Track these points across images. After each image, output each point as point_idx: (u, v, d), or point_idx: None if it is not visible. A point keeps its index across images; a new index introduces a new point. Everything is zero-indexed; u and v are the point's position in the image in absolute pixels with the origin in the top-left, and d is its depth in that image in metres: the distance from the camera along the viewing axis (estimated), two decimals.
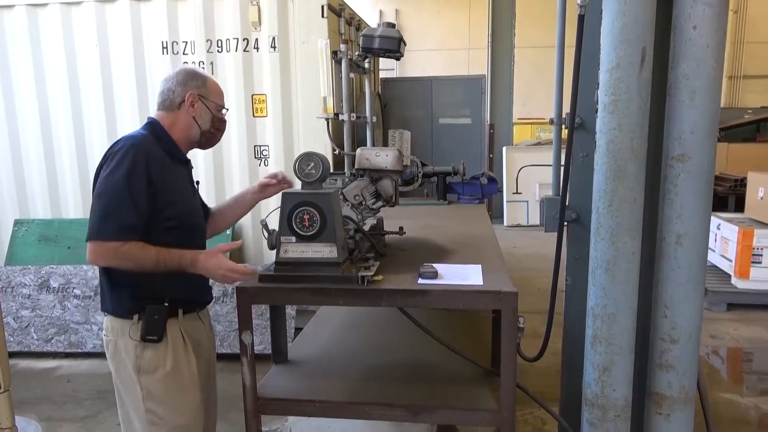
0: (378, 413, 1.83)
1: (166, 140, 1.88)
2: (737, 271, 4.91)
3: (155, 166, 1.77)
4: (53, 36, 4.32)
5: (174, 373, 1.83)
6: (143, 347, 1.79)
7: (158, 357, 1.81)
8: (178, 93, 1.89)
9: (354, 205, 2.02)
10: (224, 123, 2.01)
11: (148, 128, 1.88)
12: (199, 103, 1.90)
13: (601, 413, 1.73)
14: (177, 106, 1.89)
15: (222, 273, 1.72)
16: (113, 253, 1.69)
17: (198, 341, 1.93)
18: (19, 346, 4.16)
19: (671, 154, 1.63)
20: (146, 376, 1.80)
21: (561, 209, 1.86)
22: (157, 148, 1.82)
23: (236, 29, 4.12)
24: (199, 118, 1.91)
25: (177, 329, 1.86)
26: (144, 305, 1.78)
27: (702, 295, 1.69)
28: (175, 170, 1.89)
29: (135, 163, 1.72)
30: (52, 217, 4.55)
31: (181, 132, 1.91)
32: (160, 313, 1.79)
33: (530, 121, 10.41)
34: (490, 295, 1.63)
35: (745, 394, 3.52)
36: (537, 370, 2.59)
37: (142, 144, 1.78)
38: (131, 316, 1.80)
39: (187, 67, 1.99)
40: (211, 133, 1.96)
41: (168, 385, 1.82)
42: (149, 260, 1.70)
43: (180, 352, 1.85)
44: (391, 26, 2.73)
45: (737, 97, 10.83)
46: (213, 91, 1.95)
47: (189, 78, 1.91)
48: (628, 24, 1.54)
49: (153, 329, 1.78)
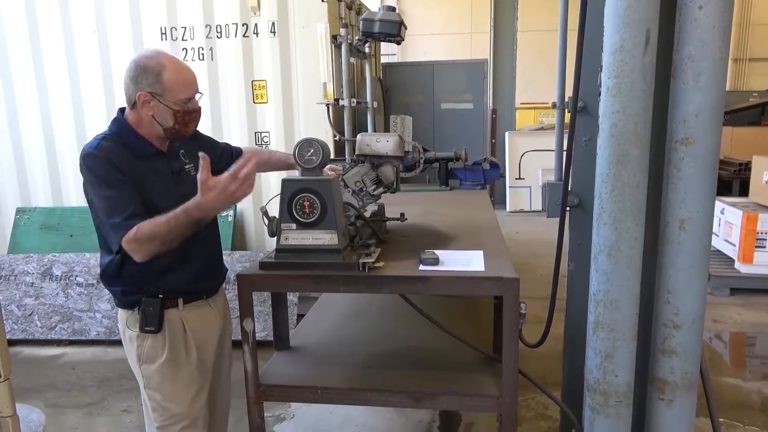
0: (380, 400, 1.83)
1: (129, 137, 1.78)
2: (741, 255, 4.90)
3: (121, 159, 1.71)
4: (52, 22, 4.29)
5: (170, 362, 1.84)
6: (143, 337, 1.83)
7: (156, 347, 1.83)
8: (132, 91, 1.76)
9: (355, 191, 2.01)
10: (194, 113, 1.82)
11: (112, 126, 1.81)
12: (155, 101, 1.74)
13: (603, 399, 1.73)
14: (132, 104, 1.78)
15: (232, 189, 1.62)
16: (136, 241, 1.64)
17: (203, 329, 1.93)
18: (23, 334, 4.18)
19: (675, 138, 1.61)
20: (146, 365, 1.84)
21: (563, 194, 1.84)
22: (117, 148, 1.73)
23: (235, 14, 4.08)
24: (159, 116, 1.76)
25: (177, 319, 1.86)
26: (140, 298, 1.80)
27: (705, 280, 1.68)
28: (148, 169, 1.78)
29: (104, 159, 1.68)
30: (54, 205, 4.55)
31: (145, 128, 1.80)
32: (155, 305, 1.80)
33: (533, 105, 10.32)
34: (491, 281, 1.63)
35: (747, 379, 3.52)
36: (539, 355, 2.59)
37: (102, 146, 1.71)
38: (132, 308, 1.84)
39: (141, 57, 1.76)
40: (177, 129, 1.80)
41: (164, 374, 1.84)
42: (164, 230, 1.64)
43: (178, 342, 1.86)
44: (391, 10, 2.70)
45: (743, 80, 10.72)
46: (170, 86, 1.74)
47: (140, 73, 1.73)
48: (632, 5, 1.51)
49: (149, 321, 1.80)
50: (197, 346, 1.91)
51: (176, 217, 1.65)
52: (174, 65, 1.76)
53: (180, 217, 1.65)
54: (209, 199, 1.62)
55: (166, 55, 1.77)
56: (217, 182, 1.62)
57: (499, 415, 1.78)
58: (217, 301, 2.04)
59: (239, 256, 4.13)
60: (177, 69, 1.77)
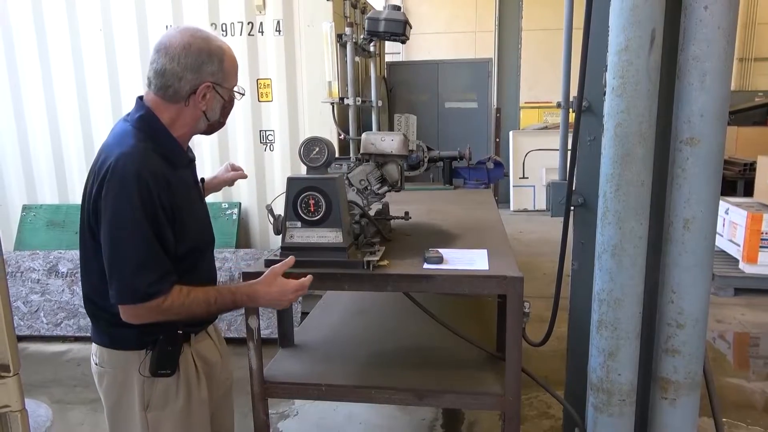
0: (383, 397, 1.84)
1: (167, 145, 1.48)
2: (745, 255, 4.88)
3: (164, 190, 1.40)
4: (58, 21, 4.31)
5: (186, 407, 1.56)
6: (152, 381, 1.50)
7: (169, 391, 1.53)
8: (188, 80, 1.43)
9: (359, 190, 2.01)
10: (232, 104, 1.60)
11: (143, 127, 1.45)
12: (212, 92, 1.48)
13: (606, 398, 1.73)
14: (185, 98, 1.45)
15: (290, 298, 1.54)
16: (156, 312, 1.40)
17: (210, 362, 1.66)
18: (29, 330, 4.21)
19: (680, 138, 1.61)
20: (154, 412, 1.52)
21: (568, 194, 1.85)
22: (159, 163, 1.42)
23: (241, 13, 4.09)
24: (210, 110, 1.51)
25: (189, 356, 1.57)
26: (156, 337, 1.48)
27: (709, 280, 1.68)
28: (181, 182, 1.50)
29: (143, 192, 1.36)
30: (60, 202, 4.57)
31: (186, 127, 1.51)
32: (174, 343, 1.50)
33: (537, 105, 10.29)
34: (495, 280, 1.64)
35: (751, 379, 3.52)
36: (542, 354, 2.60)
37: (146, 167, 1.38)
38: (141, 348, 1.50)
39: (196, 37, 1.45)
40: (219, 122, 1.58)
41: (177, 421, 1.55)
42: (199, 307, 1.44)
43: (192, 383, 1.57)
44: (396, 9, 2.71)
45: (748, 79, 10.67)
46: (229, 71, 1.51)
47: (204, 61, 1.44)
48: (637, 5, 1.51)
49: (166, 363, 1.49)
50: (207, 382, 1.64)
51: (220, 298, 1.47)
52: (228, 47, 1.53)
53: (225, 300, 1.48)
54: (269, 294, 1.51)
55: (214, 35, 1.52)
56: (285, 283, 1.53)
57: (503, 414, 1.79)
58: (213, 331, 1.73)
59: (243, 254, 4.14)
60: (231, 51, 1.53)
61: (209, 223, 1.66)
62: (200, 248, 1.59)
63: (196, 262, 1.57)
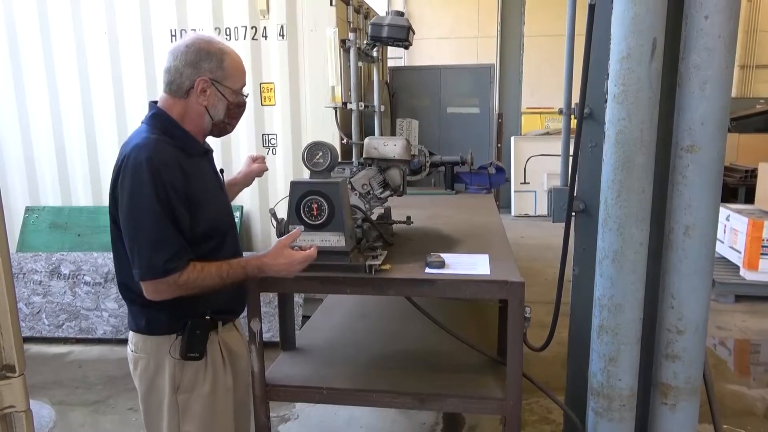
0: (385, 401, 1.85)
1: (180, 136, 1.60)
2: (746, 262, 4.89)
3: (176, 175, 1.52)
4: (63, 23, 4.34)
5: (212, 391, 1.66)
6: (182, 365, 1.61)
7: (198, 375, 1.64)
8: (187, 76, 1.57)
9: (362, 194, 2.02)
10: (242, 108, 1.70)
11: (156, 123, 1.59)
12: (212, 89, 1.59)
13: (606, 403, 1.74)
14: (185, 92, 1.58)
15: (297, 268, 1.60)
16: (174, 287, 1.50)
17: (236, 353, 1.77)
18: (31, 332, 4.21)
19: (681, 145, 1.62)
20: (184, 395, 1.63)
21: (569, 199, 1.86)
22: (171, 152, 1.54)
23: (245, 17, 4.11)
24: (212, 107, 1.61)
25: (216, 343, 1.68)
26: (185, 321, 1.60)
27: (709, 287, 1.69)
28: (197, 170, 1.62)
29: (155, 176, 1.48)
30: (63, 204, 4.59)
31: (193, 122, 1.62)
32: (203, 328, 1.62)
33: (539, 110, 10.33)
34: (497, 284, 1.64)
35: (751, 386, 3.51)
36: (543, 359, 2.60)
37: (157, 154, 1.50)
38: (172, 333, 1.61)
39: (199, 39, 1.60)
40: (226, 123, 1.68)
41: (205, 404, 1.65)
42: (213, 281, 1.54)
43: (219, 369, 1.68)
44: (400, 14, 2.72)
45: (749, 86, 10.69)
46: (231, 72, 1.62)
47: (202, 58, 1.57)
48: (639, 14, 1.53)
49: (195, 346, 1.60)
50: (232, 372, 1.75)
51: (232, 271, 1.56)
52: (232, 51, 1.65)
53: (235, 272, 1.57)
54: (276, 264, 1.58)
55: (219, 40, 1.65)
56: (292, 254, 1.59)
57: (503, 418, 1.80)
58: (238, 325, 1.84)
59: None
60: (235, 55, 1.65)
61: (230, 210, 1.78)
62: (221, 229, 1.69)
63: (221, 243, 1.67)
